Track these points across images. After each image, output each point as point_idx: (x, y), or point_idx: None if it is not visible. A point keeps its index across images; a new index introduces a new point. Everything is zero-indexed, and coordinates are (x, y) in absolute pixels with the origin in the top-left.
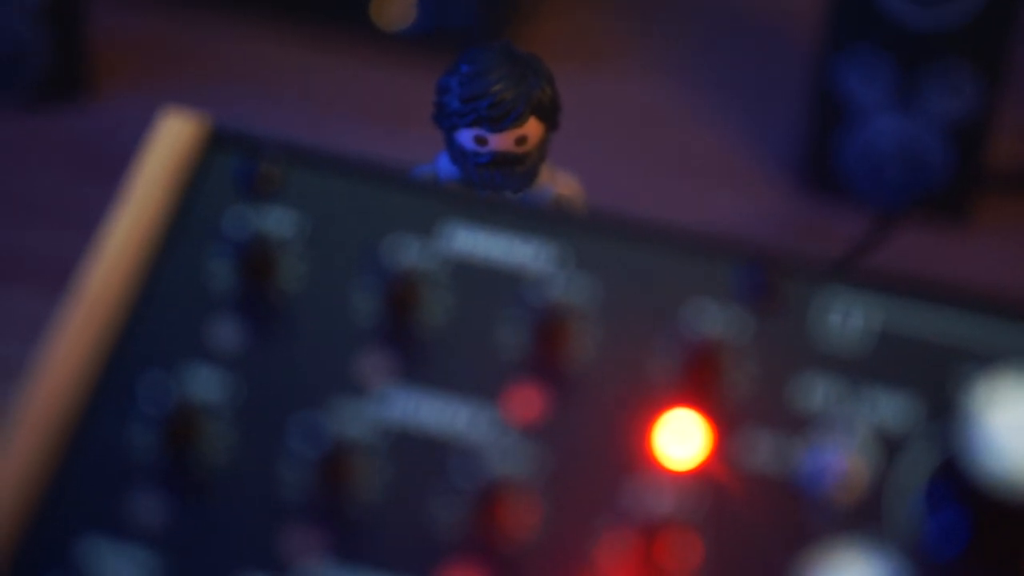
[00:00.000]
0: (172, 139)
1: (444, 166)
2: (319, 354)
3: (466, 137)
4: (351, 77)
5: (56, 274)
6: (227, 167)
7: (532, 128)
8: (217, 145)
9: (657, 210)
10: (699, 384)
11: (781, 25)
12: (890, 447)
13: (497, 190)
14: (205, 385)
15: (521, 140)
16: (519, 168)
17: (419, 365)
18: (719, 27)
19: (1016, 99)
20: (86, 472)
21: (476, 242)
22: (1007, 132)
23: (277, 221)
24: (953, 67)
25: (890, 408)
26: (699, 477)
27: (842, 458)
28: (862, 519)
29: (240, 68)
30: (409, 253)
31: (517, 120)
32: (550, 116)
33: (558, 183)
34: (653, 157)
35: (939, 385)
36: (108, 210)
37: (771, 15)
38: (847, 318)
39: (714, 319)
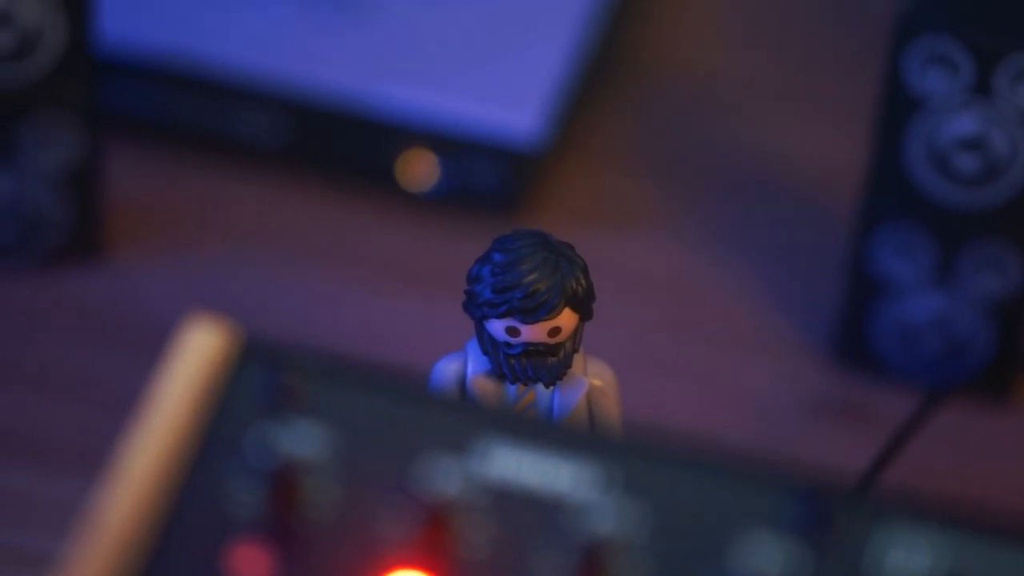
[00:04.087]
0: (197, 350)
1: (474, 355)
2: None
3: (498, 328)
4: (373, 237)
5: (63, 452)
6: (253, 380)
7: (566, 319)
8: (245, 356)
9: (686, 384)
10: None
11: (816, 194)
12: None
13: (529, 381)
14: None
15: (554, 331)
16: (551, 359)
17: None
18: (751, 194)
19: None
20: None
21: (513, 463)
22: None
23: (305, 439)
24: (993, 246)
25: None
26: None
27: None
28: None
29: (258, 227)
30: (444, 477)
31: (551, 312)
32: (584, 306)
33: (591, 373)
34: (681, 327)
35: None
36: (122, 384)
37: (806, 184)
38: (911, 555)
39: (769, 555)
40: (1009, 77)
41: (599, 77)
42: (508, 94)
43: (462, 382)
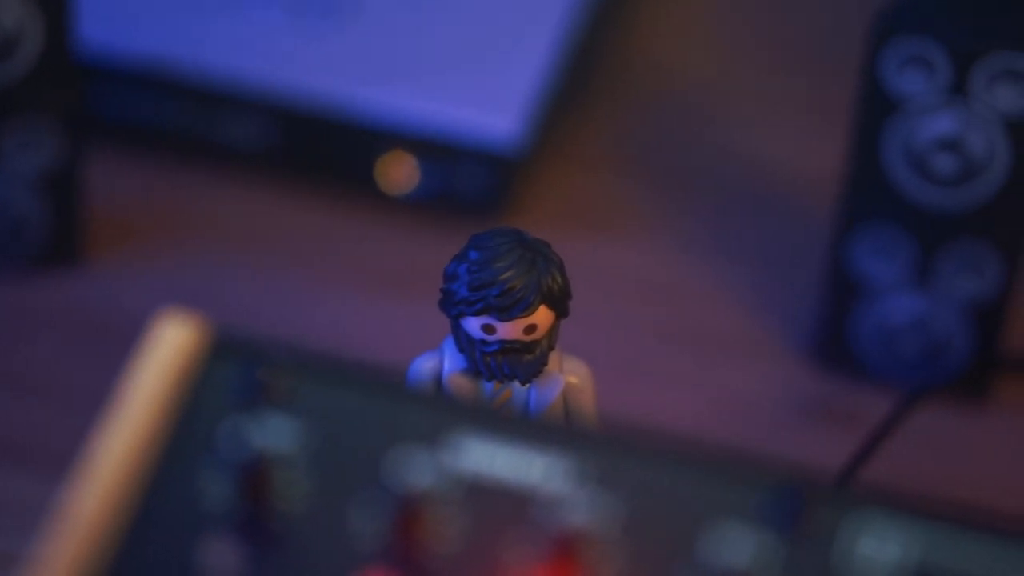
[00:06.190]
0: (169, 345)
1: (450, 353)
2: None
3: (473, 325)
4: (354, 240)
5: (43, 456)
6: (226, 375)
7: (541, 316)
8: (217, 351)
9: (668, 387)
10: None
11: (798, 197)
12: None
13: (505, 379)
14: None
15: (530, 329)
16: (527, 357)
17: None
18: (733, 197)
19: None
20: None
21: (486, 456)
22: None
23: (277, 433)
24: (972, 247)
25: None
26: None
27: None
28: None
29: (240, 231)
30: (417, 470)
31: (526, 309)
32: (560, 304)
33: (566, 371)
34: (662, 330)
35: None
36: (101, 389)
37: (787, 187)
38: (883, 546)
39: (740, 546)
40: (985, 78)
41: (580, 81)
42: (488, 97)
43: (438, 380)
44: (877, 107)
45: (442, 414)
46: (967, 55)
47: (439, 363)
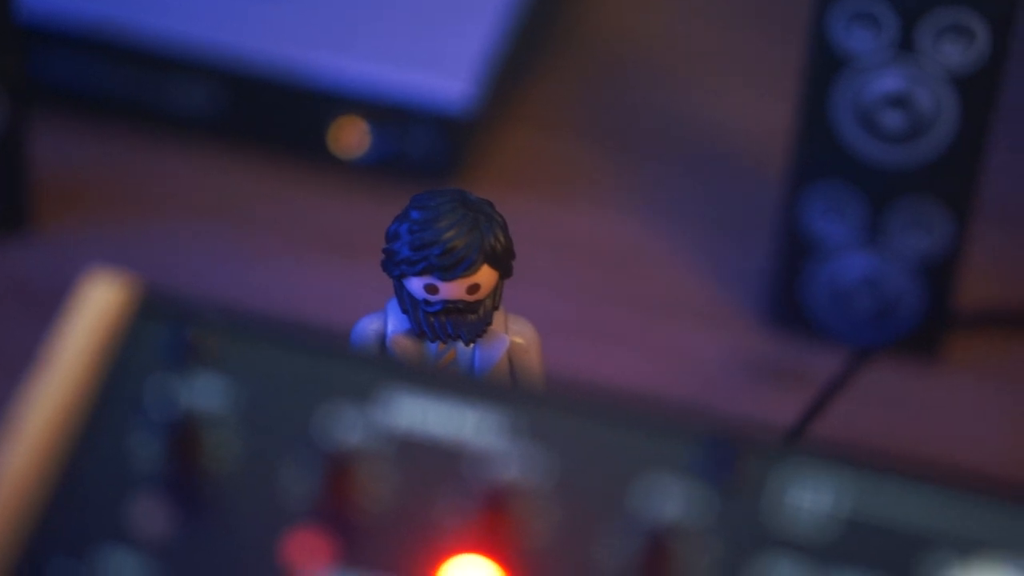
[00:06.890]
0: (97, 304)
1: (394, 314)
2: (247, 538)
3: (416, 286)
4: (306, 205)
5: None
6: (155, 334)
7: (484, 276)
8: (145, 310)
9: (623, 350)
10: (656, 572)
11: (753, 159)
12: None
13: (448, 339)
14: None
15: (473, 288)
16: (471, 317)
17: (355, 550)
18: (687, 160)
19: (985, 236)
20: None
21: (417, 412)
22: (977, 269)
23: (206, 392)
24: (922, 204)
25: None
26: None
27: None
28: None
29: (189, 197)
30: (347, 427)
31: (469, 268)
32: (503, 263)
33: (511, 331)
34: (616, 293)
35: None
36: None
37: (742, 149)
38: (815, 496)
39: (673, 499)
40: (932, 34)
41: (534, 43)
42: (440, 60)
43: (382, 341)
44: (825, 65)
45: (372, 370)
46: (913, 11)
47: (383, 324)
